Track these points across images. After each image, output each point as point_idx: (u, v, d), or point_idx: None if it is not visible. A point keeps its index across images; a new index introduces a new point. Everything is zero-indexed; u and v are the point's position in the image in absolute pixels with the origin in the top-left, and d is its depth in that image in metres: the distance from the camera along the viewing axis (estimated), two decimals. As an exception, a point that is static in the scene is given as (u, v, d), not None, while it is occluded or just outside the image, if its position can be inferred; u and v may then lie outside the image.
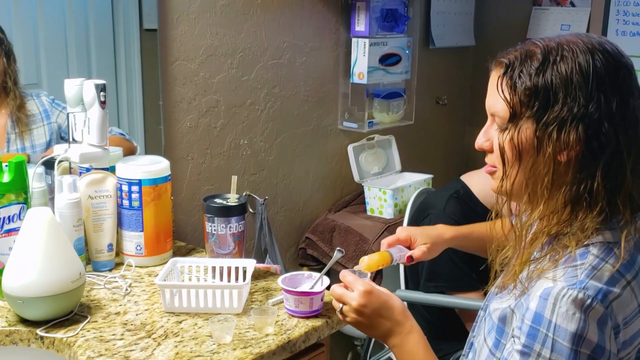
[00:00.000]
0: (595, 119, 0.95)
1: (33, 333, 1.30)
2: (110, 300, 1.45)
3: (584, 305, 0.91)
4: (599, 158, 0.95)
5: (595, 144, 0.95)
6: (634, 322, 0.95)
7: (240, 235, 1.55)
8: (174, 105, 1.90)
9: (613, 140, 0.95)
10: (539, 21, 2.76)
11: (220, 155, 2.04)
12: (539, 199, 1.00)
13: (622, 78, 0.97)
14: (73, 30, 1.71)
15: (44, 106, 1.68)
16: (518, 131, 0.99)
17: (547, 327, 0.92)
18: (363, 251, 2.16)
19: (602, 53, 0.97)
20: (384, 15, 2.34)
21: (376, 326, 1.18)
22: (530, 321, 0.94)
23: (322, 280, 1.41)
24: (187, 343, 1.27)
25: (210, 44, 1.94)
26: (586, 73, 0.95)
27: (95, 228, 1.58)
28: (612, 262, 0.94)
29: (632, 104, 0.97)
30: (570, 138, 0.95)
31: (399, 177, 2.50)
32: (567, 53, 0.97)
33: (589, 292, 0.91)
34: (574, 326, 0.91)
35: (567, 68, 0.96)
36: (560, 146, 0.96)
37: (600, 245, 0.96)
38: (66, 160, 1.61)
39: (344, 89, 2.40)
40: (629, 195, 0.97)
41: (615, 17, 2.55)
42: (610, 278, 0.93)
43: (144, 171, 1.59)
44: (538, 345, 0.93)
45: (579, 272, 0.93)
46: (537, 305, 0.93)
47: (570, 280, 0.93)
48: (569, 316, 0.91)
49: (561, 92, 0.95)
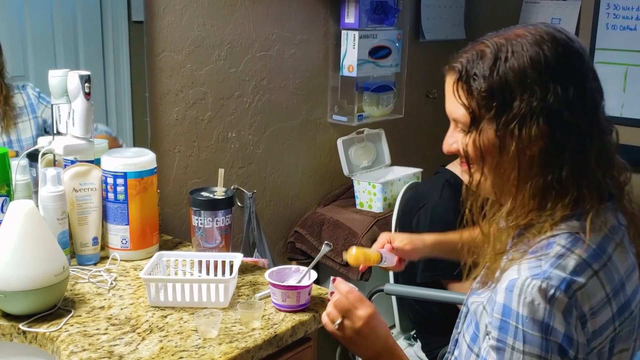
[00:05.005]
0: (555, 109, 0.95)
1: (15, 328, 1.28)
2: (95, 294, 1.43)
3: (547, 295, 0.90)
4: (564, 147, 0.96)
5: (558, 135, 0.95)
6: (602, 312, 0.94)
7: (227, 228, 1.53)
8: (161, 97, 1.88)
9: (575, 128, 0.95)
10: (529, 15, 2.75)
11: (208, 148, 2.02)
12: (507, 196, 1.01)
13: (574, 64, 0.97)
14: (60, 22, 1.69)
15: (30, 99, 1.65)
16: (480, 133, 0.99)
17: (516, 319, 0.92)
18: (352, 245, 2.15)
19: (551, 42, 0.96)
20: (373, 8, 2.32)
21: (369, 348, 1.16)
22: (500, 314, 0.94)
23: (309, 274, 1.40)
24: (172, 338, 1.25)
25: (197, 35, 1.92)
26: (538, 65, 0.95)
27: (80, 221, 1.56)
28: (578, 251, 0.94)
29: (589, 87, 0.97)
30: (533, 133, 0.95)
31: (389, 171, 2.49)
32: (517, 48, 0.96)
33: (552, 282, 0.91)
34: (540, 315, 0.91)
35: (519, 63, 0.95)
36: (524, 142, 0.96)
37: (568, 235, 0.96)
38: (50, 153, 1.59)
39: (334, 82, 2.38)
40: (595, 180, 0.98)
41: (606, 11, 2.54)
42: (575, 268, 0.93)
43: (130, 164, 1.57)
44: (510, 339, 0.93)
45: (543, 262, 0.93)
46: (504, 298, 0.93)
47: (534, 271, 0.93)
48: (534, 306, 0.91)
49: (517, 89, 0.95)
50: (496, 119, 0.97)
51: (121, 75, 1.83)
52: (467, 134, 1.01)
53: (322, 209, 2.34)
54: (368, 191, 2.30)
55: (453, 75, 1.03)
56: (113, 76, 1.81)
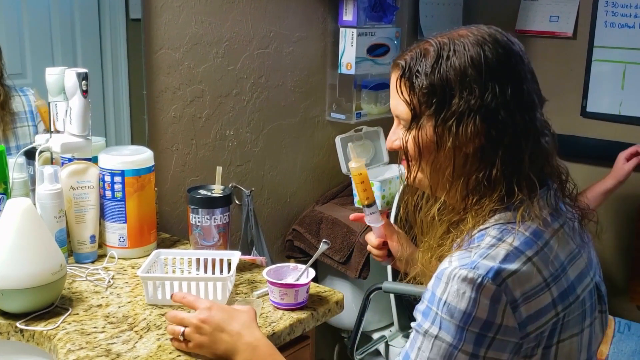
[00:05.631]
0: (492, 108, 0.98)
1: (12, 326, 1.28)
2: (92, 292, 1.43)
3: (474, 284, 0.92)
4: (498, 146, 0.99)
5: (494, 133, 0.99)
6: (539, 297, 0.95)
7: (225, 227, 1.53)
8: (158, 95, 1.87)
9: (510, 127, 0.99)
10: (528, 12, 2.75)
11: (206, 146, 2.02)
12: (441, 191, 1.05)
13: (513, 65, 1.01)
14: (58, 20, 1.68)
15: (30, 106, 1.64)
16: (419, 129, 1.03)
17: (437, 305, 0.95)
18: (350, 243, 2.15)
19: (492, 44, 1.00)
20: (372, 5, 2.31)
21: (218, 343, 1.14)
22: (427, 300, 0.97)
23: (307, 272, 1.40)
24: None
25: (195, 32, 1.92)
26: (479, 65, 0.98)
27: (78, 219, 1.56)
28: (509, 240, 0.96)
29: (527, 88, 1.01)
30: (469, 130, 0.98)
31: (387, 169, 2.49)
32: (459, 47, 1.00)
33: (479, 271, 0.93)
34: (463, 305, 0.92)
35: (460, 62, 0.99)
36: (460, 139, 0.99)
37: (500, 226, 0.98)
38: (47, 150, 1.59)
39: (332, 79, 2.38)
40: (526, 177, 1.00)
41: (604, 9, 2.54)
42: (505, 256, 0.94)
43: (127, 161, 1.56)
44: (427, 324, 0.96)
45: (472, 253, 0.95)
46: (432, 285, 0.97)
47: (463, 261, 0.95)
48: (459, 295, 0.93)
49: (457, 87, 0.99)
50: (435, 116, 1.01)
51: (119, 73, 1.82)
52: (408, 130, 1.05)
53: (320, 207, 2.34)
54: (366, 189, 2.29)
55: (397, 72, 1.06)
56: (110, 74, 1.81)
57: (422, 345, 0.97)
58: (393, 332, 2.18)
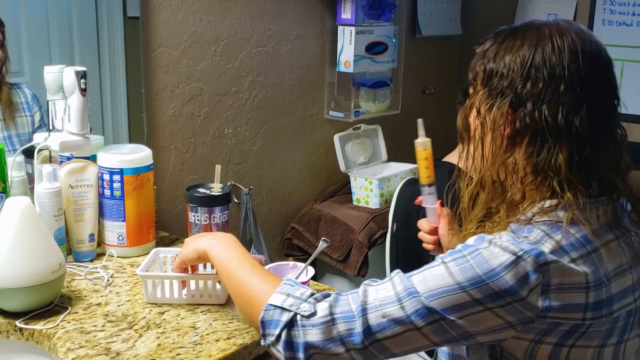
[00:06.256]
0: (549, 102, 0.98)
1: (12, 325, 1.28)
2: (92, 291, 1.42)
3: (514, 255, 0.91)
4: (551, 144, 0.99)
5: (563, 132, 0.98)
6: (573, 294, 0.94)
7: (224, 225, 1.53)
8: (157, 93, 1.87)
9: (588, 132, 0.98)
10: (526, 10, 2.75)
11: (204, 145, 2.02)
12: (489, 175, 1.05)
13: (594, 77, 1.00)
14: (56, 18, 1.68)
15: (26, 97, 1.65)
16: (472, 108, 1.06)
17: (470, 252, 0.94)
18: (349, 241, 2.15)
19: (583, 53, 0.99)
20: (370, 3, 2.31)
21: (188, 245, 1.23)
22: (461, 247, 0.96)
23: (306, 271, 1.40)
24: (170, 334, 1.25)
25: (193, 30, 1.91)
26: (550, 63, 0.99)
27: (76, 218, 1.56)
28: (557, 237, 0.95)
29: (598, 96, 1.01)
30: (525, 120, 0.99)
31: (385, 167, 2.49)
32: (547, 48, 0.99)
33: (524, 247, 0.92)
34: (495, 263, 0.91)
35: (538, 58, 0.99)
36: (515, 127, 1.00)
37: (550, 223, 0.98)
38: (46, 149, 1.58)
39: (330, 77, 2.38)
40: (580, 182, 0.99)
41: (602, 7, 2.54)
42: (552, 250, 0.94)
43: (126, 160, 1.56)
44: (449, 258, 0.95)
45: (520, 239, 0.94)
46: (474, 240, 0.96)
47: (510, 238, 0.94)
48: (496, 254, 0.92)
49: (520, 76, 1.00)
50: (493, 98, 1.02)
51: (117, 71, 1.82)
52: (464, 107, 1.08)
53: (319, 205, 2.34)
54: (365, 187, 2.30)
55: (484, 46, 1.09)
56: (109, 72, 1.80)
57: (429, 267, 0.96)
58: (392, 330, 2.18)
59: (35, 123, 1.66)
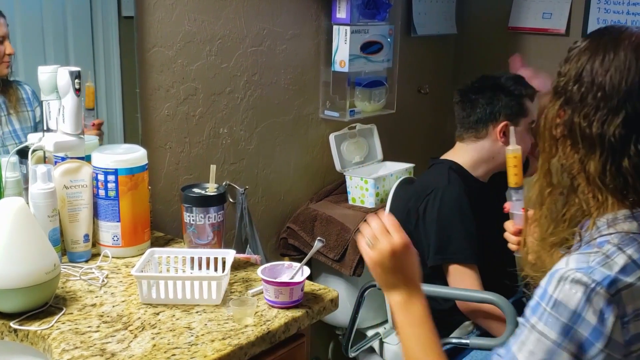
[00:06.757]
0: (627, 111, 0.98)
1: (7, 326, 1.28)
2: (86, 291, 1.42)
3: (587, 288, 0.92)
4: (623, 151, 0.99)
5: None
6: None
7: (219, 225, 1.53)
8: (151, 93, 1.86)
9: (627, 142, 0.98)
10: (520, 9, 2.75)
11: (199, 144, 2.01)
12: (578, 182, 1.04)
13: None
14: (50, 18, 1.67)
15: (27, 93, 1.66)
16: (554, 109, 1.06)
17: (547, 302, 0.95)
18: (345, 240, 2.15)
19: None
20: (365, 3, 2.31)
21: (392, 274, 1.18)
22: (538, 296, 0.97)
23: (302, 271, 1.40)
24: (165, 335, 1.25)
25: (188, 30, 1.91)
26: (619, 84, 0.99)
27: (71, 218, 1.55)
28: (630, 251, 0.95)
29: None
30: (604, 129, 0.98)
31: (381, 166, 2.49)
32: (618, 63, 1.00)
33: (595, 276, 0.93)
34: (573, 304, 0.92)
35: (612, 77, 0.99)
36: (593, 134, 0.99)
37: (623, 235, 0.98)
38: (40, 149, 1.58)
39: (325, 77, 2.37)
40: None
41: (597, 6, 2.54)
42: (623, 267, 0.94)
43: (120, 160, 1.56)
44: (534, 318, 0.96)
45: (591, 258, 0.95)
46: (546, 282, 0.97)
47: (580, 265, 0.95)
48: (570, 294, 0.93)
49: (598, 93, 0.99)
50: (568, 104, 1.03)
51: (111, 71, 1.81)
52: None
53: (315, 205, 2.34)
54: (360, 186, 2.30)
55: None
56: (103, 72, 1.80)
57: (526, 339, 0.97)
58: (387, 329, 2.18)
59: (36, 118, 1.67)
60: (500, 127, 1.92)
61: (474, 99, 1.96)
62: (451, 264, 1.83)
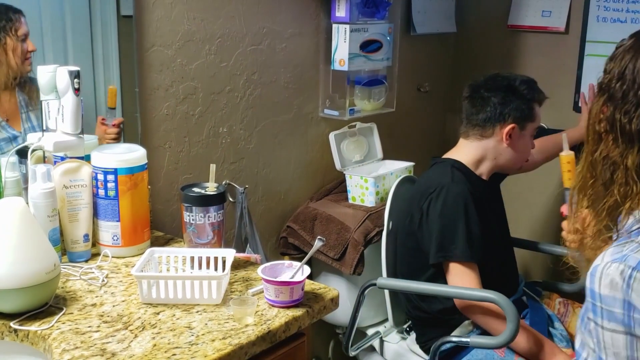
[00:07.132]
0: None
1: (7, 326, 1.27)
2: (87, 291, 1.42)
3: (624, 275, 0.97)
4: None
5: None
6: None
7: (219, 224, 1.53)
8: (151, 93, 1.86)
9: None
10: (520, 7, 2.75)
11: (199, 144, 2.01)
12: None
13: None
14: (49, 17, 1.67)
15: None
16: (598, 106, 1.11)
17: (599, 299, 1.01)
18: (345, 239, 2.15)
19: None
20: (364, 1, 2.31)
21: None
22: (589, 297, 1.03)
23: (302, 270, 1.40)
24: (165, 335, 1.24)
25: (187, 29, 1.91)
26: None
27: (71, 218, 1.55)
28: None
29: None
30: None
31: (381, 165, 2.49)
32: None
33: (629, 262, 0.98)
34: (620, 294, 0.98)
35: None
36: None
37: None
38: (40, 149, 1.58)
39: (325, 76, 2.37)
40: None
41: (596, 4, 2.54)
42: None
43: (120, 160, 1.56)
44: (599, 319, 1.02)
45: (625, 247, 1.00)
46: (589, 282, 1.03)
47: (615, 256, 1.00)
48: (612, 285, 0.99)
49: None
50: (608, 99, 1.09)
51: (110, 71, 1.81)
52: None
53: (315, 204, 2.34)
54: (360, 185, 2.30)
55: None
56: (102, 71, 1.80)
57: (601, 337, 1.02)
58: (388, 328, 2.18)
59: None
60: (507, 129, 1.92)
61: (486, 96, 1.95)
62: (451, 262, 1.83)
